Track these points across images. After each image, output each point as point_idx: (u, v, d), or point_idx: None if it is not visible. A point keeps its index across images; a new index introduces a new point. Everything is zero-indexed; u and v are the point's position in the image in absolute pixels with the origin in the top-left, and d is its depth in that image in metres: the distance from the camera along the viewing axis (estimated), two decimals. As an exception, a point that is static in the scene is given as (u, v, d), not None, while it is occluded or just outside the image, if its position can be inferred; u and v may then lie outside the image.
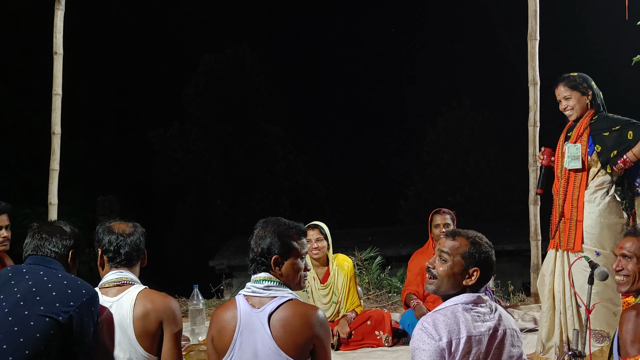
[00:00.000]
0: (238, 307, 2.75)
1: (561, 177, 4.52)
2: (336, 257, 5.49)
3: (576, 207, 4.38)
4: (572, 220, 4.39)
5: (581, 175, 4.39)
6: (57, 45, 6.86)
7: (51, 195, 6.78)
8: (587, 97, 4.53)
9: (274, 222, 2.90)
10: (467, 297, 2.75)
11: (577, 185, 4.42)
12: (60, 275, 2.84)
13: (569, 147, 4.45)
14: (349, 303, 5.41)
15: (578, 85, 4.52)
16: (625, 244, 3.05)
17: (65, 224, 3.08)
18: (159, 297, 2.98)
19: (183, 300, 7.45)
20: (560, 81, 4.59)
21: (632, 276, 2.98)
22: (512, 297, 7.56)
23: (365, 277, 8.01)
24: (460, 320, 2.68)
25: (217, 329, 2.76)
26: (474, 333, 2.67)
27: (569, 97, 4.52)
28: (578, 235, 4.32)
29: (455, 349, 2.62)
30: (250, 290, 2.80)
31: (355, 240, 10.57)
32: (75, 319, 2.73)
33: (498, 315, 2.77)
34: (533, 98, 6.72)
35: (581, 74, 4.60)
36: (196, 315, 5.47)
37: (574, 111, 4.52)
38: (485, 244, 2.82)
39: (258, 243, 2.84)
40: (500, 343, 2.71)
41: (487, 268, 2.79)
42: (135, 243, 3.07)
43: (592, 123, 4.46)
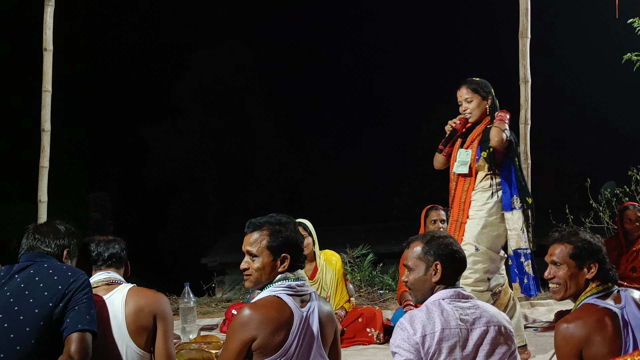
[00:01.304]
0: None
1: (453, 179, 4.61)
2: (324, 253, 5.50)
3: (462, 209, 4.49)
4: (458, 222, 4.50)
5: (469, 180, 4.49)
6: (47, 42, 6.82)
7: (41, 192, 6.75)
8: (486, 102, 4.61)
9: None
10: (446, 292, 2.80)
11: (464, 189, 4.53)
12: (46, 266, 2.85)
13: (460, 153, 4.54)
14: (337, 298, 5.42)
15: (479, 90, 4.61)
16: (554, 251, 2.96)
17: (60, 223, 3.10)
18: (150, 293, 3.04)
19: (174, 298, 7.44)
20: (463, 83, 4.66)
21: (563, 284, 2.90)
22: (503, 294, 7.57)
23: (357, 275, 8.01)
24: (435, 314, 2.72)
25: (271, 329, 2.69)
26: (451, 326, 2.69)
27: (470, 100, 4.59)
28: (460, 237, 4.43)
29: (430, 341, 2.66)
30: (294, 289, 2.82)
31: (348, 237, 10.56)
32: (65, 300, 2.73)
33: (481, 311, 2.78)
34: (524, 96, 6.73)
35: (483, 80, 4.69)
36: (187, 313, 5.47)
37: (473, 114, 4.59)
38: (442, 239, 2.90)
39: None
40: (482, 338, 2.72)
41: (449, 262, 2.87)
42: (116, 249, 3.18)
43: (484, 131, 4.54)
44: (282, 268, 2.82)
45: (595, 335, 2.69)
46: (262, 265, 2.81)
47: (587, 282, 2.87)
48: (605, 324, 2.70)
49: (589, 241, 2.90)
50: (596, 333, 2.69)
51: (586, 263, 2.86)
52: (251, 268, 2.83)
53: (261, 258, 2.81)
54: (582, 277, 2.87)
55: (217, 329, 5.97)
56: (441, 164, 4.78)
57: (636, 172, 8.05)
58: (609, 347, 2.67)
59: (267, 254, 2.81)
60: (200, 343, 4.81)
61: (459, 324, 2.70)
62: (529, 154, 6.73)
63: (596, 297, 2.81)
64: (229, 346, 2.67)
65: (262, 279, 2.82)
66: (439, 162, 4.79)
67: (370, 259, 8.33)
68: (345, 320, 5.32)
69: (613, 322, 2.71)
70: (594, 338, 2.68)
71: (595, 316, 2.73)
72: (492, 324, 2.76)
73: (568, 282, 2.89)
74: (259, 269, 2.82)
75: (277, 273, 2.82)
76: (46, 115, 6.80)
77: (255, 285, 2.85)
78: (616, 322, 2.71)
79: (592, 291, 2.84)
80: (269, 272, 2.82)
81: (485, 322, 2.75)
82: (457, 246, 2.90)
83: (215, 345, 4.73)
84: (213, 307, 7.43)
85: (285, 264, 2.82)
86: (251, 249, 2.83)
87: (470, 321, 2.73)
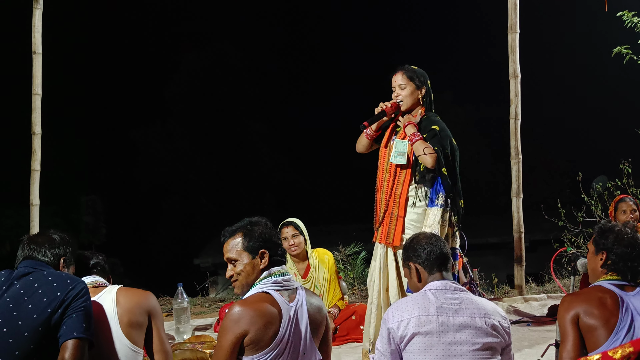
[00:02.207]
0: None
1: (386, 171, 4.48)
2: (316, 252, 5.51)
3: (398, 202, 4.37)
4: (393, 215, 4.38)
5: (405, 172, 4.37)
6: (36, 45, 6.80)
7: (32, 196, 6.74)
8: (420, 91, 4.50)
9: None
10: (434, 284, 2.94)
11: (401, 181, 4.41)
12: (46, 273, 2.87)
13: (396, 143, 4.41)
14: (331, 296, 5.43)
15: (414, 78, 4.49)
16: None
17: (54, 232, 3.13)
18: (139, 292, 3.10)
19: (167, 298, 7.43)
20: (398, 70, 4.53)
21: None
22: (497, 289, 7.60)
23: (350, 272, 8.03)
24: (417, 302, 2.84)
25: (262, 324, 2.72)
26: (430, 312, 2.79)
27: (404, 87, 4.47)
28: (398, 230, 4.31)
29: (404, 326, 2.79)
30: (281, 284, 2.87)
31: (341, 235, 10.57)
32: (63, 307, 2.74)
33: (467, 303, 2.86)
34: (514, 91, 6.75)
35: (420, 69, 4.57)
36: (181, 313, 5.46)
37: (405, 102, 4.48)
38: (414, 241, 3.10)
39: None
40: (464, 327, 2.78)
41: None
42: (100, 259, 3.28)
43: (420, 122, 4.46)
44: (263, 264, 2.86)
45: (592, 307, 2.85)
46: (243, 267, 2.86)
47: (600, 269, 3.02)
48: (606, 300, 2.87)
49: (604, 230, 3.06)
50: (594, 306, 2.85)
51: (600, 251, 3.03)
52: (235, 273, 2.89)
53: (241, 260, 2.87)
54: (596, 263, 3.05)
55: (210, 329, 5.97)
56: (364, 147, 4.68)
57: (627, 165, 8.08)
58: (602, 322, 2.82)
59: (245, 255, 2.86)
60: (194, 343, 4.81)
61: (437, 312, 2.79)
62: (519, 149, 6.75)
63: (609, 282, 2.96)
64: (222, 343, 2.70)
65: (247, 280, 2.87)
66: (362, 145, 4.68)
67: (363, 256, 8.34)
68: (339, 318, 5.33)
69: (613, 301, 2.86)
70: (591, 310, 2.84)
71: (599, 294, 2.91)
72: (478, 315, 2.82)
73: (588, 264, 3.11)
74: (242, 271, 2.86)
75: (261, 271, 2.86)
76: (36, 118, 6.78)
77: (243, 289, 2.89)
78: (616, 302, 2.85)
79: (607, 278, 2.99)
80: (252, 272, 2.86)
81: (470, 313, 2.81)
82: (428, 239, 3.06)
83: (209, 345, 4.73)
84: (206, 307, 7.42)
85: (265, 260, 2.86)
86: (230, 255, 2.89)
87: (453, 309, 2.82)
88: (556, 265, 7.65)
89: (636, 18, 7.63)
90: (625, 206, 5.92)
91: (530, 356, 4.59)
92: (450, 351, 2.74)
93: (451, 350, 2.75)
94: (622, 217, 5.91)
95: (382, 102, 4.49)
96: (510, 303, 6.41)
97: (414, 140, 4.29)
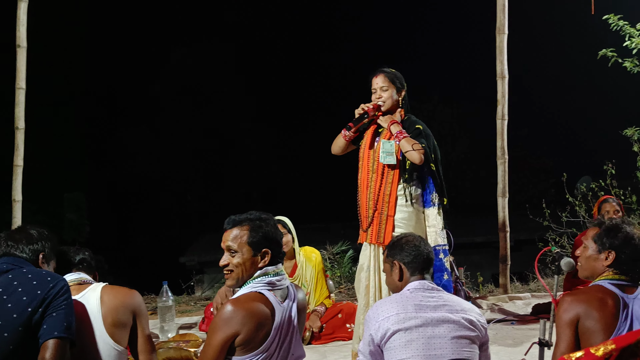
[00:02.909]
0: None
1: (373, 171, 4.50)
2: (303, 250, 5.51)
3: (387, 202, 4.40)
4: (383, 214, 4.40)
5: (394, 172, 4.42)
6: (20, 38, 6.72)
7: (15, 192, 6.66)
8: (399, 94, 4.56)
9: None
10: (411, 284, 2.99)
11: (389, 180, 4.44)
12: (25, 271, 2.82)
13: (383, 143, 4.44)
14: (317, 294, 5.43)
15: (395, 80, 4.55)
16: (587, 232, 3.12)
17: (32, 227, 3.07)
18: (124, 290, 3.06)
19: (152, 297, 7.40)
20: (379, 72, 4.58)
21: (582, 263, 3.05)
22: (482, 288, 7.63)
23: (337, 271, 8.02)
24: (396, 301, 2.89)
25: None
26: (408, 310, 2.82)
27: (386, 89, 4.52)
28: (388, 230, 4.35)
29: (385, 324, 2.81)
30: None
31: (328, 234, 10.57)
32: (44, 305, 2.70)
33: (445, 301, 2.91)
34: (501, 91, 6.77)
35: (399, 72, 4.62)
36: (166, 312, 5.44)
37: (386, 104, 4.52)
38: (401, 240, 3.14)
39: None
40: (441, 323, 2.81)
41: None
42: (86, 255, 3.23)
43: (402, 121, 4.50)
44: (263, 263, 2.82)
45: (593, 310, 2.78)
46: (242, 261, 2.80)
47: (604, 268, 2.95)
48: (607, 303, 2.80)
49: (610, 229, 2.98)
50: (595, 309, 2.78)
51: (605, 250, 2.95)
52: (231, 264, 2.82)
53: (241, 253, 2.80)
54: (599, 262, 2.96)
55: (195, 328, 5.94)
56: (341, 148, 4.67)
57: (611, 166, 8.13)
58: (602, 326, 2.76)
59: (247, 249, 2.80)
60: (179, 342, 4.79)
61: (415, 308, 2.83)
62: (505, 149, 6.78)
63: (610, 282, 2.90)
64: (212, 342, 2.66)
65: (242, 275, 2.81)
66: (338, 147, 4.67)
67: (350, 255, 8.34)
68: (325, 316, 5.33)
69: (615, 305, 2.80)
70: (591, 313, 2.78)
71: (600, 295, 2.83)
72: (455, 312, 2.86)
73: (586, 261, 3.02)
74: (240, 265, 2.80)
75: (257, 269, 2.82)
76: (20, 112, 6.70)
77: (237, 282, 2.83)
78: (617, 306, 2.80)
79: (608, 277, 2.92)
80: (249, 268, 2.81)
81: (447, 309, 2.86)
82: (417, 242, 3.10)
83: (193, 343, 4.72)
84: (192, 305, 7.40)
85: (266, 259, 2.82)
86: (231, 244, 2.82)
87: (431, 307, 2.86)
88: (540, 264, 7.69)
89: (622, 21, 7.68)
90: (609, 207, 5.97)
91: (514, 354, 4.61)
92: (430, 344, 2.77)
93: (431, 343, 2.78)
94: (605, 217, 5.95)
95: (362, 103, 4.52)
96: (495, 302, 6.44)
97: (400, 137, 4.33)
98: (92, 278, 3.20)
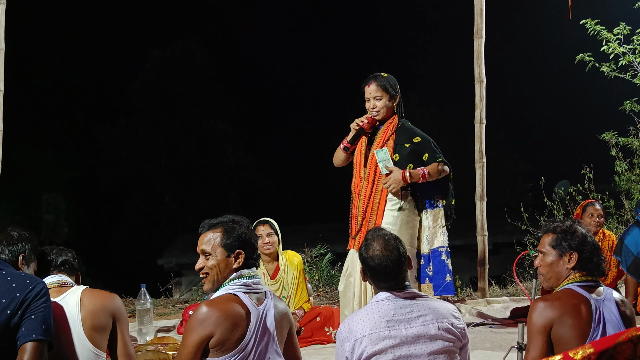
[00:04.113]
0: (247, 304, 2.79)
1: (364, 179, 4.54)
2: (286, 253, 5.51)
3: (376, 210, 4.45)
4: (371, 222, 4.44)
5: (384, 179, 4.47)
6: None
7: (-8, 193, 6.59)
8: (394, 101, 4.56)
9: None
10: (383, 295, 2.82)
11: (379, 188, 4.48)
12: (4, 273, 2.78)
13: (377, 153, 4.46)
14: (297, 298, 5.43)
15: (389, 88, 4.53)
16: (542, 240, 3.04)
17: (13, 229, 3.05)
18: (105, 293, 3.05)
19: (130, 299, 7.34)
20: (372, 80, 4.56)
21: (545, 272, 2.99)
22: (460, 292, 7.65)
23: (315, 274, 8.02)
24: (368, 316, 2.74)
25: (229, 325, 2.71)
26: (381, 327, 2.70)
27: (380, 98, 4.52)
28: None
29: (359, 346, 2.70)
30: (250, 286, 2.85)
31: (305, 236, 10.55)
32: (23, 308, 2.68)
33: (420, 309, 2.78)
34: (479, 96, 6.81)
35: (392, 77, 4.60)
36: (144, 314, 5.40)
37: (380, 113, 4.53)
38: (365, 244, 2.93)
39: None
40: (418, 336, 2.72)
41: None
42: (69, 256, 3.20)
43: (397, 129, 4.52)
44: (237, 264, 2.84)
45: (567, 317, 2.76)
46: (216, 263, 2.83)
47: (568, 271, 2.91)
48: (580, 310, 2.78)
49: (567, 231, 2.95)
50: (569, 315, 2.76)
51: (567, 253, 2.92)
52: (206, 267, 2.85)
53: (215, 255, 2.84)
54: (562, 266, 2.93)
55: (174, 331, 5.91)
56: (342, 161, 4.72)
57: (589, 170, 8.21)
58: (577, 333, 2.74)
59: (221, 251, 2.84)
60: (157, 344, 4.75)
61: (388, 325, 2.71)
62: (484, 152, 6.81)
63: (578, 284, 2.87)
64: (187, 343, 2.68)
65: (218, 277, 2.84)
66: (340, 160, 4.72)
67: (329, 258, 8.34)
68: (303, 319, 5.33)
69: (588, 311, 2.78)
70: (566, 319, 2.76)
71: (573, 300, 2.80)
72: (431, 321, 2.76)
73: (549, 269, 2.97)
74: (214, 267, 2.83)
75: (232, 270, 2.84)
76: (-2, 115, 6.62)
77: (213, 285, 2.85)
78: (590, 312, 2.78)
79: (575, 279, 2.90)
80: (224, 270, 2.84)
81: (422, 321, 2.74)
82: (381, 247, 2.85)
83: (172, 346, 4.69)
84: (170, 308, 7.36)
85: (240, 260, 2.84)
86: (205, 247, 2.85)
87: (405, 320, 2.74)
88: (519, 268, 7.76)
89: (599, 26, 7.77)
90: (593, 210, 6.04)
91: (492, 358, 4.62)
92: None
93: None
94: (588, 219, 6.01)
95: (357, 118, 4.52)
96: (474, 305, 6.45)
97: (426, 176, 4.40)
98: (75, 279, 3.17)
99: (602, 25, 7.79)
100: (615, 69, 7.88)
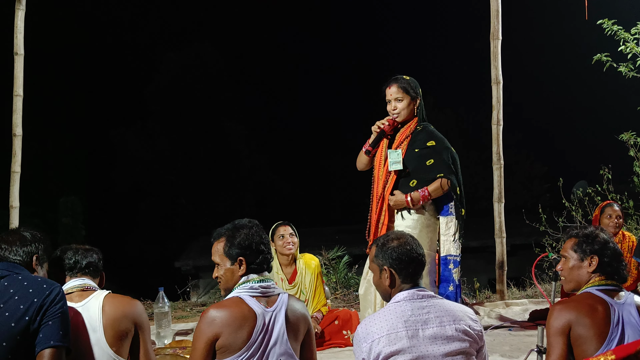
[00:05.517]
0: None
1: (380, 180, 4.55)
2: (303, 256, 5.51)
3: (395, 212, 4.47)
4: (391, 224, 4.48)
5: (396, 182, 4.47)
6: (18, 46, 6.74)
7: (12, 198, 6.65)
8: (415, 102, 4.55)
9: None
10: (401, 294, 2.83)
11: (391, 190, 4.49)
12: (21, 278, 2.78)
13: (390, 153, 4.47)
14: (315, 301, 5.42)
15: (410, 90, 4.53)
16: (565, 245, 3.11)
17: (25, 229, 3.05)
18: (127, 300, 3.06)
19: (148, 302, 7.37)
20: (393, 82, 4.57)
21: (566, 275, 3.06)
22: (478, 294, 7.62)
23: (332, 277, 8.01)
24: (386, 317, 2.75)
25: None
26: (398, 328, 2.71)
27: (401, 100, 4.52)
28: None
29: (376, 347, 2.70)
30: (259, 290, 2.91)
31: (322, 239, 10.56)
32: (41, 313, 2.68)
33: (437, 310, 2.78)
34: (496, 97, 6.78)
35: (413, 79, 4.61)
36: (162, 318, 5.42)
37: (401, 114, 4.53)
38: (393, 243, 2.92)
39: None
40: (434, 337, 2.71)
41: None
42: (94, 258, 3.18)
43: (414, 133, 4.51)
44: (241, 271, 2.93)
45: (584, 317, 2.80)
46: (224, 272, 2.97)
47: (589, 275, 2.97)
48: (597, 309, 2.82)
49: (588, 236, 3.00)
50: (586, 315, 2.80)
51: (588, 257, 2.97)
52: (218, 275, 3.00)
53: (222, 265, 2.97)
54: (583, 270, 2.98)
55: (192, 334, 5.92)
56: (365, 164, 4.74)
57: (607, 171, 8.15)
58: (595, 332, 2.77)
59: (225, 260, 2.96)
60: (175, 348, 4.77)
61: (406, 326, 2.72)
62: (501, 154, 6.78)
63: (597, 288, 2.92)
64: (197, 345, 2.78)
65: (228, 285, 2.97)
66: (362, 163, 4.73)
67: (346, 260, 8.33)
68: (321, 322, 5.32)
69: (605, 310, 2.82)
70: (583, 319, 2.80)
71: (589, 301, 2.86)
72: (447, 323, 2.76)
73: (570, 273, 3.03)
74: (223, 275, 2.97)
75: (239, 277, 2.94)
76: (17, 120, 6.72)
77: (225, 292, 2.99)
78: (608, 313, 2.81)
79: (595, 283, 2.95)
80: (231, 278, 2.96)
81: (439, 322, 2.74)
82: (410, 246, 2.89)
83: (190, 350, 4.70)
84: (188, 311, 7.38)
85: (243, 268, 2.93)
86: (214, 258, 3.01)
87: (422, 321, 2.74)
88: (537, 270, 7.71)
89: (616, 26, 7.71)
90: (612, 211, 5.99)
91: (511, 361, 4.61)
92: None
93: None
94: (607, 220, 5.96)
95: (378, 120, 4.53)
96: (492, 308, 6.43)
97: (427, 197, 4.39)
98: (99, 281, 3.16)
99: (619, 25, 7.74)
100: (633, 68, 7.82)
